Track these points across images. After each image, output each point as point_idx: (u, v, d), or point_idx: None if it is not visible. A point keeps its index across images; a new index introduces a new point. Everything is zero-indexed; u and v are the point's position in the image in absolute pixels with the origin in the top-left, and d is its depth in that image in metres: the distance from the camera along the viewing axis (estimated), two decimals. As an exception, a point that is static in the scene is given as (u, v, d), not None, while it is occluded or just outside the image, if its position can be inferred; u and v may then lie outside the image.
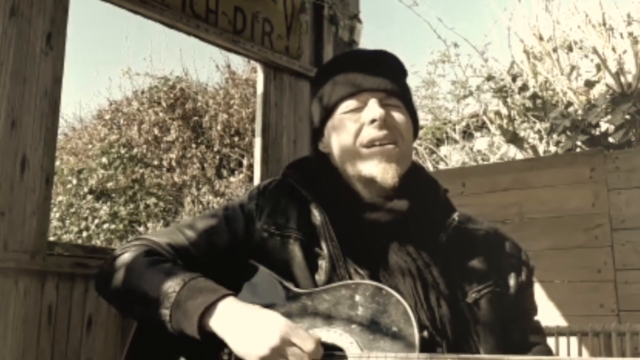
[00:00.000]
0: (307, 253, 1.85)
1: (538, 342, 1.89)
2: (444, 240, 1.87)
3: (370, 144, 1.85)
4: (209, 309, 1.69)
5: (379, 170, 1.84)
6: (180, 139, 11.61)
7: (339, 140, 1.91)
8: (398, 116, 1.89)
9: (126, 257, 1.89)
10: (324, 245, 1.84)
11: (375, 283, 1.72)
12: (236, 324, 1.66)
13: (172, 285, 1.74)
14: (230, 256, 1.91)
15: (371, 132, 1.84)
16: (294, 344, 1.61)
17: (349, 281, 1.76)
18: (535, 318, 1.97)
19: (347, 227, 1.86)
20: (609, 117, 5.71)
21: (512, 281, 1.90)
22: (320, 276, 1.82)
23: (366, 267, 1.81)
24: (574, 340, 3.91)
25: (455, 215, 1.90)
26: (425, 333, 1.68)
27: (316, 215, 1.88)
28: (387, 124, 1.85)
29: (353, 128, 1.87)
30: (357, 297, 1.70)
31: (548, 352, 1.90)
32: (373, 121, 1.84)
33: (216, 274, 1.85)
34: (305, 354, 1.60)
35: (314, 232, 1.87)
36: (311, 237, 1.87)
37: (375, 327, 1.65)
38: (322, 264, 1.83)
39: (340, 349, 1.65)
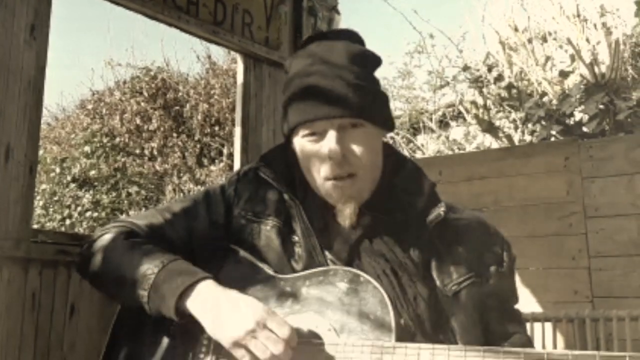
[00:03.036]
0: (284, 240, 1.87)
1: (517, 332, 1.87)
2: (424, 236, 1.85)
3: (329, 179, 1.82)
4: (186, 291, 1.70)
5: (337, 207, 1.83)
6: (162, 129, 11.63)
7: (303, 166, 1.89)
8: (358, 141, 1.83)
9: (106, 238, 1.90)
10: (300, 235, 1.86)
11: (353, 270, 1.72)
12: (212, 307, 1.68)
13: (150, 267, 1.76)
14: (210, 240, 1.94)
15: (328, 169, 1.81)
16: (269, 329, 1.61)
17: (327, 267, 1.78)
18: (515, 307, 1.93)
19: (320, 223, 1.87)
20: (583, 106, 5.78)
21: (493, 271, 1.87)
22: (298, 263, 1.84)
23: (342, 260, 1.82)
24: (548, 326, 3.96)
25: (441, 211, 1.86)
26: (402, 321, 1.69)
27: (292, 205, 1.90)
28: (345, 158, 1.80)
29: (315, 161, 1.84)
30: (336, 284, 1.71)
31: (527, 341, 1.87)
32: (330, 157, 1.79)
33: (196, 257, 1.89)
34: (280, 339, 1.60)
35: (290, 221, 1.89)
36: (288, 224, 1.88)
37: (352, 314, 1.66)
38: (299, 251, 1.85)
39: (317, 335, 1.66)
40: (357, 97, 1.81)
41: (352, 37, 1.98)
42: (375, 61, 1.95)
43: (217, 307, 1.68)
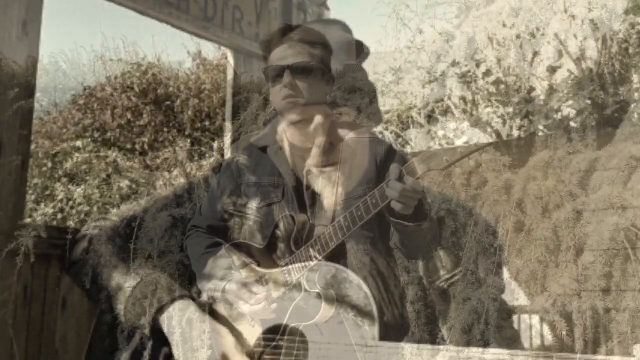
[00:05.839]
0: (266, 235, 1.91)
1: (505, 326, 1.85)
2: (411, 232, 1.86)
3: (315, 166, 1.87)
4: (161, 310, 1.74)
5: (322, 196, 1.87)
6: (153, 123, 11.62)
7: (288, 154, 1.92)
8: (344, 130, 1.86)
9: (88, 239, 1.93)
10: (282, 229, 1.88)
11: (336, 265, 1.75)
12: (181, 333, 1.74)
13: (128, 280, 1.79)
14: (192, 228, 1.94)
15: (313, 157, 1.86)
16: None
17: (310, 262, 1.81)
18: (502, 297, 1.93)
19: (303, 217, 1.90)
20: (571, 101, 5.81)
21: (481, 262, 1.86)
22: (281, 258, 1.88)
23: (326, 257, 1.84)
24: (535, 318, 4.00)
25: (427, 206, 1.87)
26: (386, 318, 1.73)
27: (273, 199, 1.90)
28: (331, 146, 1.85)
29: (299, 149, 1.89)
30: (318, 279, 1.74)
31: (513, 333, 1.88)
32: (316, 145, 1.84)
33: (180, 248, 1.90)
34: None
35: (273, 215, 1.92)
36: (271, 219, 1.92)
37: (335, 310, 1.68)
38: (282, 246, 1.88)
39: (300, 332, 1.71)
40: (343, 87, 1.80)
41: (341, 26, 1.99)
42: (364, 52, 1.94)
43: (184, 335, 1.75)
